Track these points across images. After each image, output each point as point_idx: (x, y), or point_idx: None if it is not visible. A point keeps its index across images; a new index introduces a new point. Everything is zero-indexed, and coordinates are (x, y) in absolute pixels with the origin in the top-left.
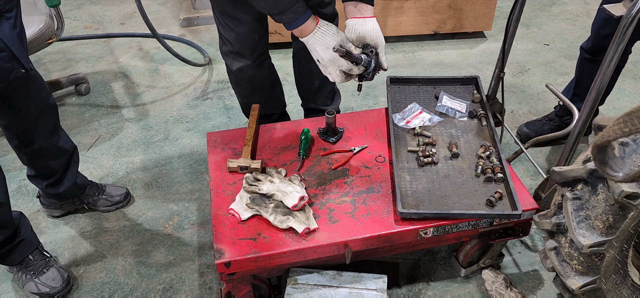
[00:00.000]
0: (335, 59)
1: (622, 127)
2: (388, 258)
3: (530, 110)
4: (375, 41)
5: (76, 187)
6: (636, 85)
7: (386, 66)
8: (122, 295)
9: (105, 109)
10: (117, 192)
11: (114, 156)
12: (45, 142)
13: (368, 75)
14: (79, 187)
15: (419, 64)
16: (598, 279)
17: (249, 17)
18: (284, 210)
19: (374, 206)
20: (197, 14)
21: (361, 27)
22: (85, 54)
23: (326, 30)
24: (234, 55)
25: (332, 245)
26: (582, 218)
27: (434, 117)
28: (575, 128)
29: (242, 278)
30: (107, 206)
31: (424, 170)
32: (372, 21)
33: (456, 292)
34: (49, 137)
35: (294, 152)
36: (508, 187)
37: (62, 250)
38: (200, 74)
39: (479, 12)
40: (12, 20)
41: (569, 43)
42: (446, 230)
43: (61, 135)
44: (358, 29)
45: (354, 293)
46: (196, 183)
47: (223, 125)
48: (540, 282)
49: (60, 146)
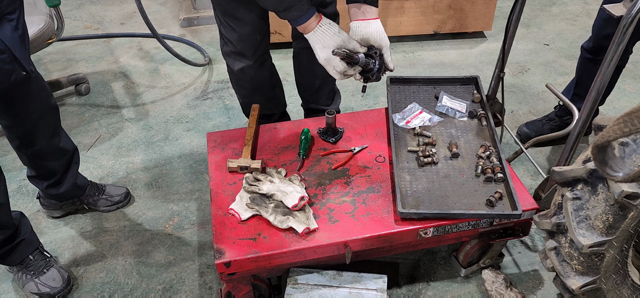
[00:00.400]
0: (330, 59)
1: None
2: (388, 258)
3: (530, 110)
4: (379, 42)
5: (76, 188)
6: (636, 85)
7: (392, 67)
8: (122, 295)
9: (105, 109)
10: (117, 192)
11: (114, 156)
12: (46, 143)
13: (372, 76)
14: (79, 187)
15: (419, 64)
16: (598, 279)
17: (251, 17)
18: (284, 210)
19: (374, 206)
20: (197, 14)
21: (365, 29)
22: (85, 54)
23: (326, 30)
24: (236, 56)
25: (332, 245)
26: (582, 218)
27: (434, 117)
28: (575, 128)
29: (242, 278)
30: (107, 206)
31: (424, 170)
32: (376, 23)
33: (456, 292)
34: (50, 138)
35: (294, 152)
36: (508, 187)
37: (62, 250)
38: (200, 74)
39: (479, 12)
40: (14, 22)
41: (569, 43)
42: (446, 230)
43: (62, 136)
44: (361, 31)
45: (354, 293)
46: (196, 183)
47: (223, 125)
48: (540, 282)
49: (61, 147)
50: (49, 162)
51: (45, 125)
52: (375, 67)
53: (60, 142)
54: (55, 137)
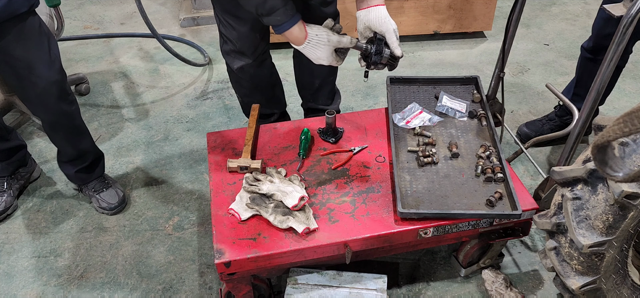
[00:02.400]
0: (326, 59)
1: (622, 127)
2: (388, 258)
3: (530, 110)
4: (380, 28)
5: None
6: (636, 85)
7: (399, 52)
8: (122, 295)
9: (105, 109)
10: (111, 199)
11: (114, 156)
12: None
13: (370, 58)
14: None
15: (419, 64)
16: (598, 279)
17: (250, 16)
18: (284, 210)
19: (374, 206)
20: (197, 14)
21: (366, 16)
22: (85, 54)
23: (316, 42)
24: (235, 54)
25: (332, 245)
26: (582, 218)
27: (434, 117)
28: (575, 128)
29: (242, 278)
30: (97, 206)
31: (424, 170)
32: (377, 9)
33: (456, 292)
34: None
35: (294, 152)
36: (508, 187)
37: (62, 250)
38: (200, 74)
39: (479, 12)
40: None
41: (569, 43)
42: (446, 230)
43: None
44: (363, 19)
45: (354, 293)
46: (196, 184)
47: (223, 125)
48: (540, 282)
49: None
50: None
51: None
52: (372, 51)
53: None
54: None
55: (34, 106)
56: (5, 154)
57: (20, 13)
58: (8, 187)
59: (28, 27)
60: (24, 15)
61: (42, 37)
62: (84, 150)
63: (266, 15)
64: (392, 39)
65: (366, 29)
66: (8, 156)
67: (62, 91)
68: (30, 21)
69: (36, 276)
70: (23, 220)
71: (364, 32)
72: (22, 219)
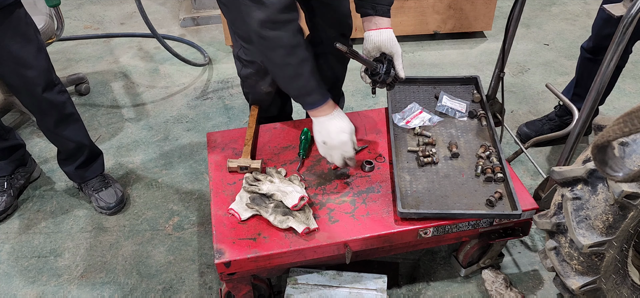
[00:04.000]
0: (343, 143)
1: (622, 127)
2: (388, 258)
3: (530, 110)
4: (390, 49)
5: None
6: (636, 85)
7: (403, 75)
8: (122, 295)
9: (105, 109)
10: (109, 199)
11: (114, 156)
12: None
13: (379, 79)
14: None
15: (419, 64)
16: (598, 279)
17: None
18: (284, 210)
19: (374, 206)
20: (197, 14)
21: (377, 37)
22: (85, 54)
23: (343, 116)
24: (257, 79)
25: (332, 245)
26: (582, 218)
27: (434, 117)
28: (575, 128)
29: (242, 278)
30: (96, 205)
31: (424, 170)
32: (388, 32)
33: (456, 292)
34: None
35: (294, 152)
36: (508, 187)
37: (61, 250)
38: (200, 74)
39: (479, 12)
40: None
41: (569, 43)
42: (446, 230)
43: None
44: (374, 39)
45: (354, 293)
46: (196, 183)
47: (223, 125)
48: (540, 282)
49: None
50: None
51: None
52: (382, 71)
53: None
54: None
55: (22, 97)
56: (3, 153)
57: (7, 4)
58: (8, 187)
59: (15, 18)
60: (10, 6)
61: (29, 28)
62: (80, 142)
63: (302, 96)
64: (399, 62)
65: (375, 48)
66: (6, 155)
67: (48, 81)
68: (17, 13)
69: (36, 276)
70: (23, 220)
71: (372, 51)
72: (22, 219)
